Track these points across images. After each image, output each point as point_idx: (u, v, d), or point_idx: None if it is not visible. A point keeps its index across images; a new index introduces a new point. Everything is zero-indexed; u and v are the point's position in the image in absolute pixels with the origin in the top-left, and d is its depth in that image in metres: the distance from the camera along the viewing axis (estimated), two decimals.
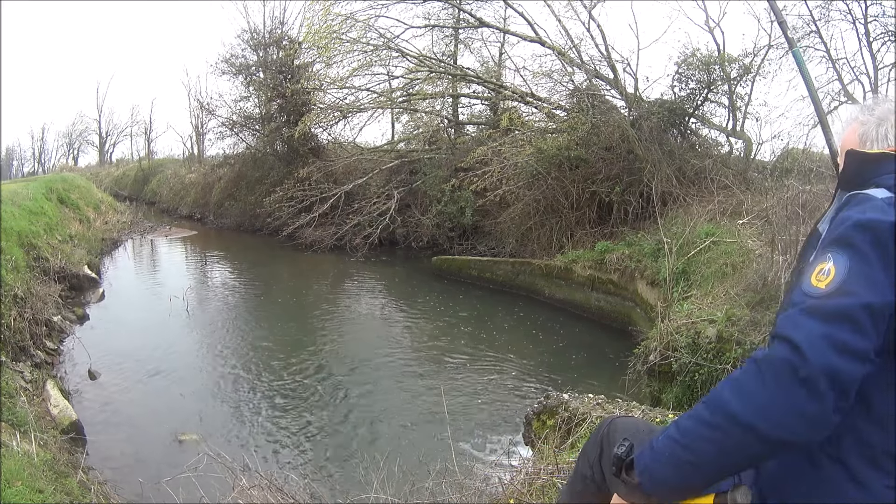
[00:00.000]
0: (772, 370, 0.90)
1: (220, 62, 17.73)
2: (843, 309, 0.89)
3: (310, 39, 13.23)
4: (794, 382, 0.87)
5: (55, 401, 4.76)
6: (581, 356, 6.78)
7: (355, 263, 12.47)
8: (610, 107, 9.84)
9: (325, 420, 5.11)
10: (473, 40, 14.01)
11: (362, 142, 16.69)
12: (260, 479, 2.70)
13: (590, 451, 1.41)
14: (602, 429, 1.41)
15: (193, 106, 23.54)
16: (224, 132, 19.17)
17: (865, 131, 1.14)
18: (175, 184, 23.16)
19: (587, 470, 1.41)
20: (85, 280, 9.15)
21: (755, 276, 4.94)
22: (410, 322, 8.53)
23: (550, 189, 9.52)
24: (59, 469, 3.48)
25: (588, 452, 1.42)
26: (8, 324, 5.61)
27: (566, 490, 1.53)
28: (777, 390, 0.88)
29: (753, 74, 9.07)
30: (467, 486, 2.67)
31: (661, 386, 4.68)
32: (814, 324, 0.89)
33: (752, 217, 6.60)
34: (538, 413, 3.40)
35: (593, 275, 8.35)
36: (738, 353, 4.14)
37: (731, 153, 9.80)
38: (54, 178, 16.40)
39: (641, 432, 1.32)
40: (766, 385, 0.89)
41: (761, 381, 0.90)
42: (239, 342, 7.31)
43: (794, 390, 0.87)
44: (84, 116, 39.84)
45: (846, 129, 1.19)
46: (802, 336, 0.88)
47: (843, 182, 1.12)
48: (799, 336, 0.89)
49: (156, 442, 4.59)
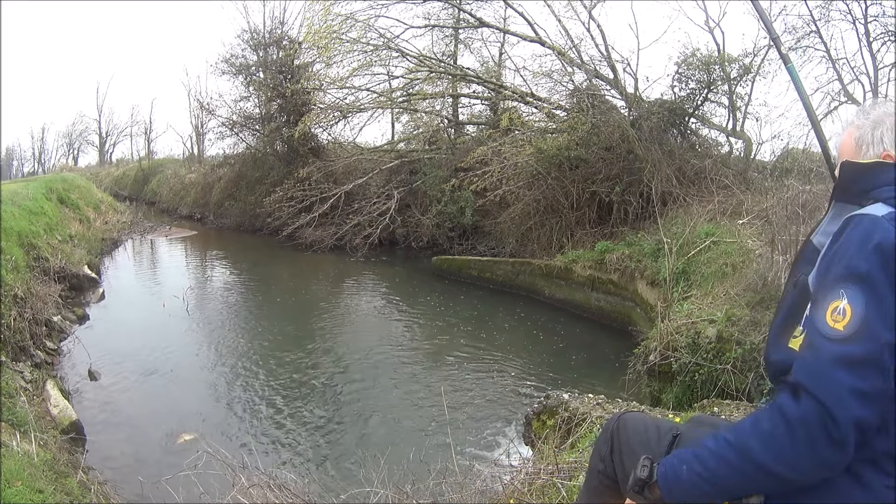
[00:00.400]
0: (805, 431, 0.92)
1: (220, 62, 17.78)
2: (867, 355, 0.90)
3: (310, 39, 13.22)
4: (826, 443, 0.91)
5: (55, 401, 4.76)
6: (581, 356, 6.78)
7: (355, 263, 12.47)
8: (610, 107, 9.84)
9: (324, 419, 5.11)
10: (473, 40, 14.04)
11: (362, 142, 16.72)
12: (259, 477, 2.70)
13: (601, 446, 1.45)
14: (612, 424, 1.44)
15: (193, 106, 23.61)
16: (224, 132, 19.21)
17: (861, 135, 1.13)
18: (175, 184, 23.17)
19: (599, 464, 1.44)
20: (85, 280, 9.15)
21: (755, 276, 4.93)
22: (410, 322, 8.53)
23: (550, 189, 9.52)
24: (59, 469, 3.48)
25: (600, 448, 1.46)
26: (8, 324, 5.60)
27: (583, 489, 1.56)
28: (808, 450, 0.92)
29: (753, 74, 9.07)
30: (467, 486, 2.67)
31: (661, 386, 4.67)
32: (841, 376, 0.90)
33: (752, 217, 6.60)
34: (538, 413, 3.40)
35: (593, 275, 8.35)
36: (738, 353, 4.14)
37: (731, 153, 9.79)
38: (54, 178, 16.41)
39: (650, 429, 1.35)
40: (797, 444, 0.93)
41: (791, 440, 0.93)
42: (239, 342, 7.31)
43: (824, 449, 0.91)
44: (84, 116, 39.98)
45: (843, 134, 1.18)
46: (832, 395, 0.90)
47: (839, 193, 1.11)
48: (829, 395, 0.90)
49: (156, 441, 4.59)
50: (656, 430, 1.34)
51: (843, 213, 1.05)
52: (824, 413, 0.90)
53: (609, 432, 1.43)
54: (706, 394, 4.13)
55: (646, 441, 1.30)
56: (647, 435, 1.32)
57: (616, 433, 1.41)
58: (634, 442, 1.34)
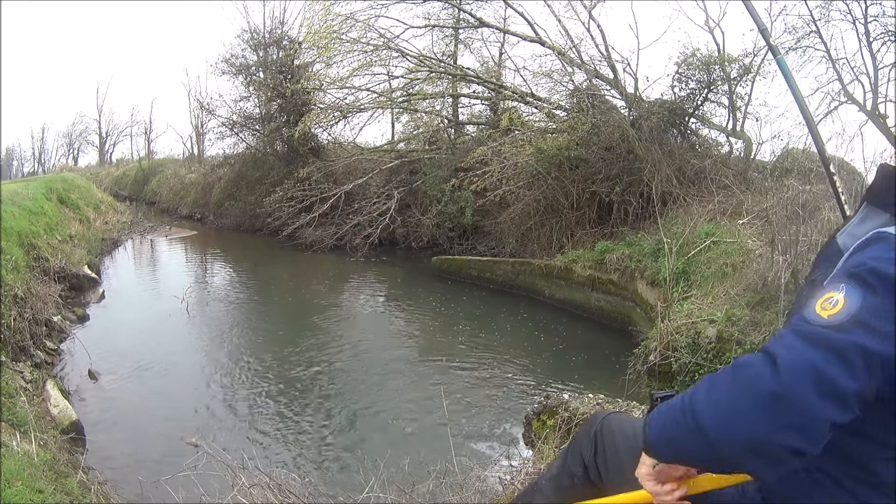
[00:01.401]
0: (743, 376, 0.86)
1: (220, 62, 17.75)
2: (842, 347, 0.82)
3: (310, 39, 13.23)
4: (759, 395, 0.82)
5: (55, 401, 4.76)
6: (581, 356, 6.78)
7: (355, 263, 12.47)
8: (610, 107, 9.84)
9: (324, 419, 5.11)
10: (473, 40, 14.03)
11: (362, 142, 16.70)
12: (260, 477, 2.70)
13: (584, 450, 1.38)
14: (595, 426, 1.38)
15: (193, 106, 23.59)
16: (224, 132, 19.19)
17: None
18: (175, 184, 23.16)
19: (579, 469, 1.37)
20: (85, 280, 9.15)
21: (755, 276, 4.94)
22: (410, 322, 8.53)
23: (550, 189, 9.52)
24: (59, 469, 3.48)
25: (582, 450, 1.39)
26: (8, 324, 5.61)
27: (551, 486, 1.46)
28: (740, 399, 0.84)
29: (753, 74, 9.07)
30: (467, 486, 2.67)
31: (661, 386, 4.68)
32: (803, 347, 0.84)
33: (752, 217, 6.61)
34: (538, 413, 3.40)
35: (593, 275, 8.35)
36: (738, 353, 4.14)
37: (731, 153, 9.79)
38: (54, 178, 16.41)
39: (637, 430, 1.30)
40: (733, 391, 0.86)
41: (730, 386, 0.87)
42: (239, 342, 7.31)
43: (755, 403, 0.82)
44: (84, 116, 39.82)
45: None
46: (785, 354, 0.84)
47: (872, 195, 1.04)
48: (782, 353, 0.84)
49: (155, 441, 4.59)
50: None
51: (872, 218, 0.99)
52: (771, 364, 0.83)
53: (592, 434, 1.37)
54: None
55: (635, 447, 1.21)
56: (637, 440, 1.30)
57: (600, 435, 1.35)
58: (623, 447, 1.29)
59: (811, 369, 0.81)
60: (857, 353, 0.82)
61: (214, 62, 23.54)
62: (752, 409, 0.83)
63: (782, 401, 0.81)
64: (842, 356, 0.82)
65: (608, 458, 1.31)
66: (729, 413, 0.85)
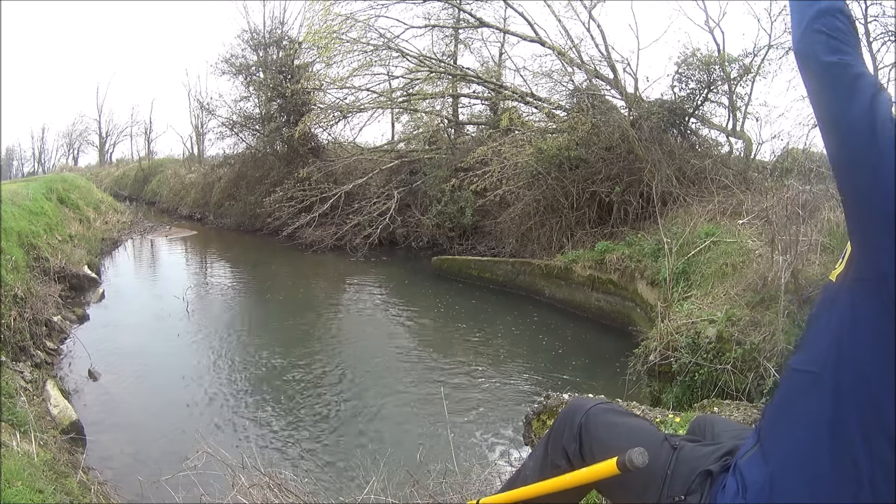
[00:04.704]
0: None
1: (220, 62, 17.73)
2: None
3: (310, 39, 13.23)
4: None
5: (55, 401, 4.76)
6: (581, 356, 6.78)
7: (355, 263, 12.48)
8: (610, 107, 9.84)
9: (324, 419, 5.12)
10: (473, 40, 14.04)
11: (362, 142, 16.72)
12: (260, 477, 2.69)
13: (567, 443, 1.34)
14: (579, 418, 1.34)
15: (193, 106, 23.61)
16: (224, 132, 19.18)
17: None
18: (175, 184, 23.15)
19: (562, 461, 1.34)
20: (85, 280, 9.15)
21: (755, 276, 4.94)
22: (410, 322, 8.53)
23: (550, 189, 9.52)
24: (59, 469, 3.49)
25: (564, 444, 1.35)
26: (8, 324, 5.61)
27: (533, 472, 1.42)
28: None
29: (753, 74, 9.06)
30: (468, 486, 2.67)
31: (661, 386, 4.68)
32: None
33: (752, 217, 6.60)
34: (538, 413, 3.39)
35: (593, 275, 8.35)
36: (738, 353, 4.14)
37: (731, 153, 9.79)
38: (54, 178, 16.39)
39: (633, 431, 1.28)
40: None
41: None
42: (239, 342, 7.32)
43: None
44: (84, 116, 40.04)
45: None
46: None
47: None
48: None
49: (156, 441, 4.59)
50: (640, 432, 1.27)
51: None
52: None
53: (577, 428, 1.33)
54: (706, 394, 4.14)
55: (628, 445, 1.16)
56: (631, 437, 1.24)
57: (585, 430, 1.31)
58: (614, 445, 1.23)
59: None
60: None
61: (214, 62, 23.63)
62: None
63: None
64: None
65: (596, 455, 1.26)
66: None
